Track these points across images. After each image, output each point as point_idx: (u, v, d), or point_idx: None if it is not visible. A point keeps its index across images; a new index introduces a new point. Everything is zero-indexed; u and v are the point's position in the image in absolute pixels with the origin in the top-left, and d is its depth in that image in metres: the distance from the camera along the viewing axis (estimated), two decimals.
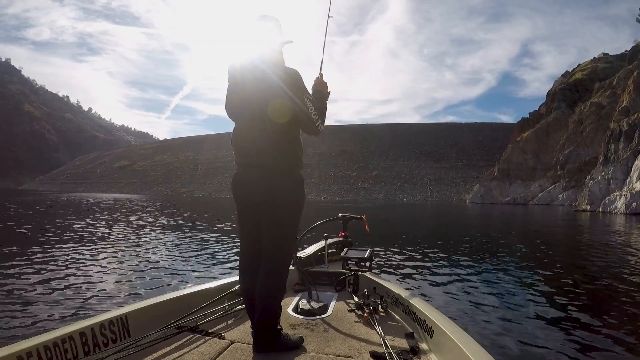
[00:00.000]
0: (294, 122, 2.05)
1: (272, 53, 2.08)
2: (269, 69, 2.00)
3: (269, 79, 1.99)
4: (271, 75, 1.99)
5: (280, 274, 2.08)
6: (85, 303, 4.33)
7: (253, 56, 2.06)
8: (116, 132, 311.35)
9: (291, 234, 2.12)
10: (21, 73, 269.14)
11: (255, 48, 2.08)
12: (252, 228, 2.10)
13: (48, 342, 1.68)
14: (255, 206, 2.06)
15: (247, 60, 2.08)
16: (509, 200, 57.06)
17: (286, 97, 1.97)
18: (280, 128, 2.01)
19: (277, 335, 2.01)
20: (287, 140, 2.05)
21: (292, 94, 1.98)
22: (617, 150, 37.11)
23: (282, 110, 1.98)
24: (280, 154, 2.02)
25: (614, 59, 67.81)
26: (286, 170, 2.05)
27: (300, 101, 1.99)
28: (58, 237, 9.88)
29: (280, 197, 2.02)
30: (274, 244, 2.05)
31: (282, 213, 2.04)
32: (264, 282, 2.03)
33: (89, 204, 30.59)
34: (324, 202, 53.25)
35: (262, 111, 1.99)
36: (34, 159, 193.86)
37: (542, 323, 3.95)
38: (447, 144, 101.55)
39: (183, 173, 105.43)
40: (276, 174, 2.01)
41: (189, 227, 13.62)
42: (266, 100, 1.98)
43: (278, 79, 1.98)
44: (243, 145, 2.08)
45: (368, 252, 2.95)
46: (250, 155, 2.06)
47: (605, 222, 20.98)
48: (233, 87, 2.12)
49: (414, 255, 8.23)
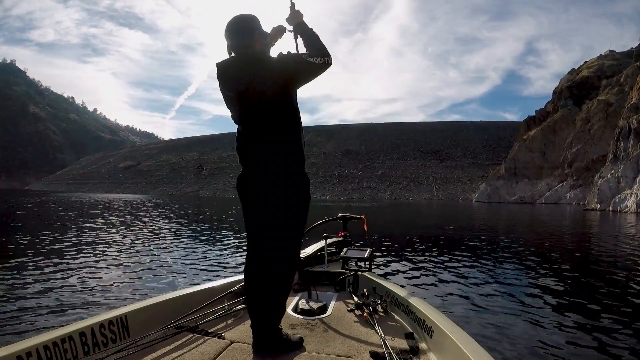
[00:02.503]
0: (293, 115, 2.01)
1: (259, 47, 2.06)
2: (255, 61, 1.98)
3: (258, 68, 1.96)
4: (259, 64, 1.96)
5: (287, 274, 2.08)
6: (85, 303, 4.34)
7: (240, 55, 2.03)
8: (121, 132, 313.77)
9: (298, 235, 2.10)
10: (26, 74, 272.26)
11: (239, 46, 2.04)
12: (258, 229, 2.07)
13: (48, 342, 1.68)
14: (262, 207, 2.02)
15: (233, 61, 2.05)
16: (516, 199, 56.74)
17: (282, 72, 1.94)
18: (284, 127, 1.98)
19: (277, 335, 2.00)
20: (292, 140, 2.01)
21: (283, 63, 1.95)
22: (626, 148, 36.52)
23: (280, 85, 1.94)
24: (285, 154, 1.99)
25: (621, 56, 67.10)
26: (292, 170, 2.02)
27: (294, 61, 1.95)
28: (58, 237, 9.93)
29: (287, 197, 2.00)
30: (280, 245, 2.03)
31: (290, 214, 2.03)
32: (270, 282, 2.02)
33: (92, 204, 30.80)
34: (330, 201, 53.24)
35: (263, 104, 1.96)
36: (40, 159, 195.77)
37: (543, 324, 3.91)
38: (452, 143, 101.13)
39: (188, 173, 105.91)
40: (281, 175, 1.98)
41: (190, 227, 13.67)
42: (264, 89, 1.94)
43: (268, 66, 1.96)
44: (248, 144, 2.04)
45: (368, 252, 2.93)
46: (256, 153, 2.02)
47: (615, 222, 20.70)
48: (229, 90, 2.07)
49: (415, 255, 8.20)
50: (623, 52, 68.83)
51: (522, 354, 3.19)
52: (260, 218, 2.04)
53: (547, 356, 3.17)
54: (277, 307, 2.03)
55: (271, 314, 2.00)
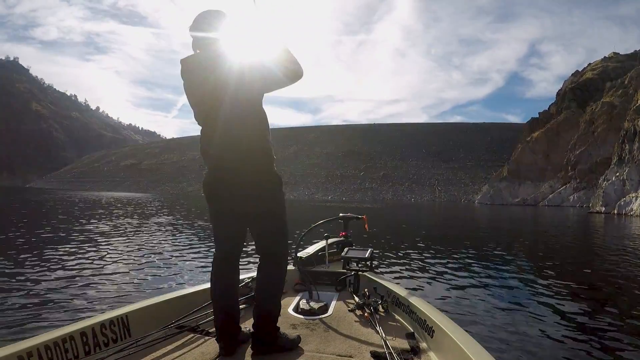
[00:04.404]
0: (261, 114, 1.96)
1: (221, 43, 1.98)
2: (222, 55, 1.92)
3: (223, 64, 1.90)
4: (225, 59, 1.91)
5: (279, 273, 2.07)
6: (86, 303, 4.35)
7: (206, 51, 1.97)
8: (123, 130, 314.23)
9: (284, 234, 2.08)
10: (29, 72, 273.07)
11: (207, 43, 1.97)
12: (231, 233, 2.04)
13: (49, 342, 1.68)
14: (239, 210, 1.98)
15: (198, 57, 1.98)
16: (519, 201, 56.62)
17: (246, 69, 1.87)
18: (249, 126, 1.92)
19: (275, 334, 2.00)
20: (259, 139, 1.94)
21: (254, 69, 1.88)
22: (631, 150, 36.33)
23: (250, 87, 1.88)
24: (258, 151, 1.93)
25: (625, 58, 67.04)
26: (265, 168, 1.96)
27: (265, 71, 1.87)
28: (58, 237, 9.94)
29: (260, 198, 1.95)
30: (270, 245, 2.03)
31: (272, 215, 2.01)
32: (265, 283, 2.02)
33: (93, 202, 30.89)
34: (331, 201, 53.22)
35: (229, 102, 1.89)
36: (42, 157, 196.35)
37: (543, 324, 3.90)
38: (455, 144, 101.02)
39: (190, 172, 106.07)
40: (253, 174, 1.92)
41: (191, 226, 13.70)
42: (228, 86, 1.88)
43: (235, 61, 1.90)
44: (215, 146, 1.97)
45: (369, 252, 2.93)
46: (226, 155, 1.95)
47: (621, 225, 20.59)
48: (191, 86, 2.00)
49: (416, 255, 8.19)
50: (627, 54, 68.75)
51: (522, 354, 3.19)
52: (232, 220, 2.00)
53: (548, 356, 3.16)
54: (274, 306, 2.02)
55: (268, 314, 1.98)
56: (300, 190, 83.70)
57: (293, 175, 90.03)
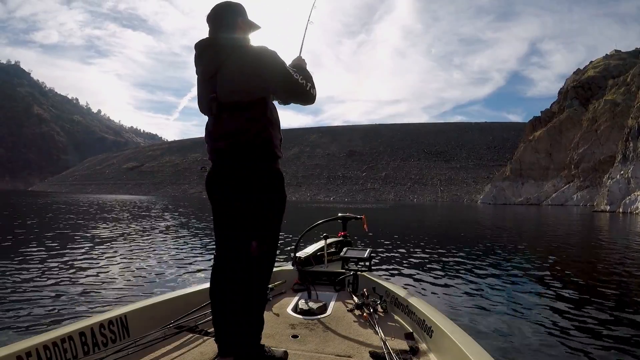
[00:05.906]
0: (265, 104, 1.84)
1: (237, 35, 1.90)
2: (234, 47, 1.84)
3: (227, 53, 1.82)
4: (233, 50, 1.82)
5: (260, 286, 1.93)
6: (85, 303, 4.35)
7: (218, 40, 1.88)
8: (125, 133, 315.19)
9: (273, 239, 1.94)
10: (30, 76, 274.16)
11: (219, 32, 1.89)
12: (231, 230, 1.91)
13: (48, 342, 1.67)
14: (231, 207, 1.88)
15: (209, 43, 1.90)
16: (522, 201, 56.46)
17: (262, 71, 1.79)
18: (250, 118, 1.80)
19: (259, 352, 1.85)
20: (262, 134, 1.82)
21: (270, 63, 1.80)
22: (635, 148, 36.07)
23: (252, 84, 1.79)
24: (259, 148, 1.82)
25: (627, 55, 66.78)
26: (260, 162, 1.84)
27: (279, 71, 1.81)
28: (58, 238, 9.95)
29: (260, 195, 1.84)
30: (249, 251, 1.85)
31: (262, 213, 1.87)
32: (242, 293, 1.85)
33: (94, 205, 30.93)
34: (333, 202, 53.19)
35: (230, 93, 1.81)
36: (44, 160, 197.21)
37: (543, 324, 3.88)
38: (457, 144, 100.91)
39: (191, 174, 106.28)
40: (247, 168, 1.81)
41: (192, 227, 13.70)
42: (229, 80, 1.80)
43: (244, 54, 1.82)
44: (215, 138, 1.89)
45: (367, 252, 2.93)
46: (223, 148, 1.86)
47: (627, 223, 20.41)
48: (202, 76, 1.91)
49: (415, 255, 8.17)
50: (629, 52, 68.49)
51: (522, 354, 3.17)
52: (231, 217, 1.89)
53: (548, 356, 3.14)
54: (251, 321, 1.88)
55: (242, 331, 1.84)
56: (303, 191, 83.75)
57: (295, 177, 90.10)
